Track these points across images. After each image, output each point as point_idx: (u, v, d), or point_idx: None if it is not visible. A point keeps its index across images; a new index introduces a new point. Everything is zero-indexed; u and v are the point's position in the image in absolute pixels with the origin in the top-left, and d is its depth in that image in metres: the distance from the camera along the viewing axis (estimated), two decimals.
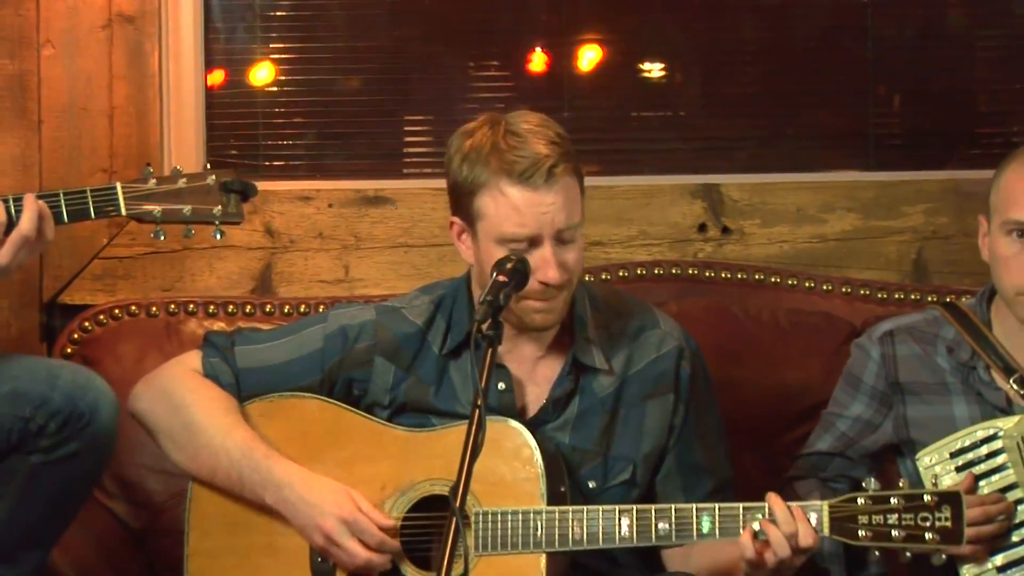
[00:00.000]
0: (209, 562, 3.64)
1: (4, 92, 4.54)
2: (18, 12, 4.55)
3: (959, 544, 3.28)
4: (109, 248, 4.56)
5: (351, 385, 3.67)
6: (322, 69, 4.91)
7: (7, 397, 3.52)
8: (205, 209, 3.58)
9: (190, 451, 3.65)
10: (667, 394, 3.63)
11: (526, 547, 3.41)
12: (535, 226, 3.48)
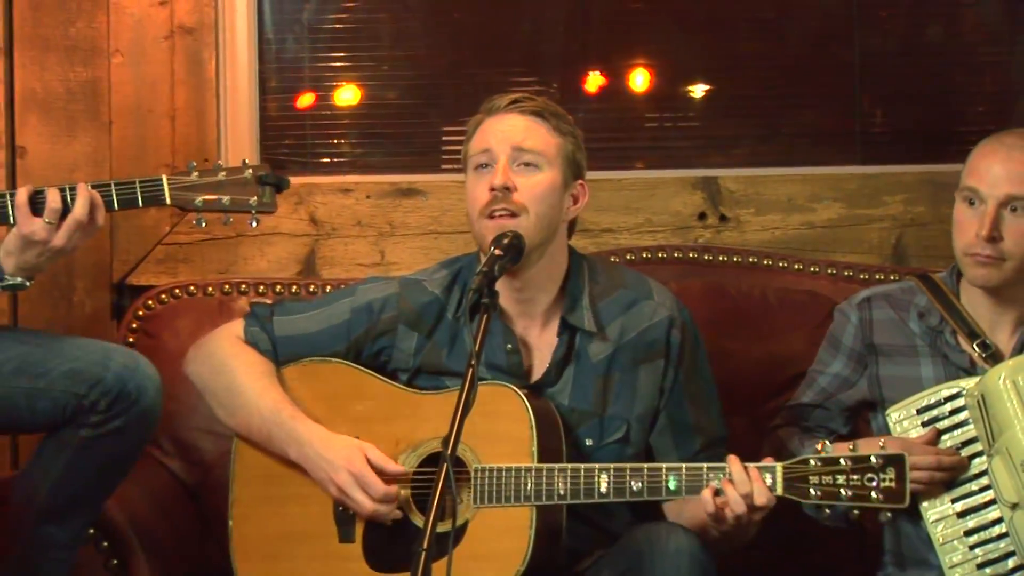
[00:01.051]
0: (249, 509, 3.68)
1: (78, 96, 4.57)
2: (91, 25, 4.58)
3: (902, 503, 3.26)
4: (171, 235, 4.59)
5: (379, 353, 3.70)
6: (362, 76, 4.90)
7: (66, 375, 3.55)
8: (242, 200, 3.60)
9: (230, 409, 3.69)
10: (658, 359, 3.63)
11: (518, 500, 3.43)
12: (492, 142, 3.57)
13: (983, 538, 3.52)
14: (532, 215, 3.54)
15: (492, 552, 3.44)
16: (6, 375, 3.57)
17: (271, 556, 3.62)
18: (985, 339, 3.61)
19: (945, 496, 3.55)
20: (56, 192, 3.46)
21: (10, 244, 3.50)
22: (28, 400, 3.56)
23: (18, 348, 3.63)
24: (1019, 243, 3.54)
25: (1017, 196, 3.52)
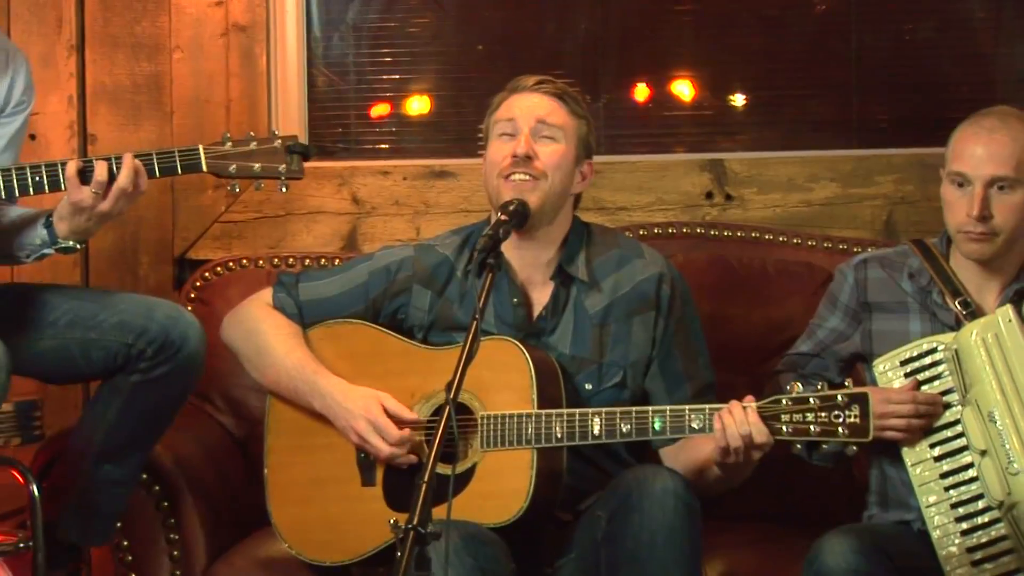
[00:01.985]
0: (282, 457, 3.70)
1: (143, 89, 4.63)
2: (154, 24, 4.64)
3: (866, 437, 3.26)
4: (226, 214, 4.62)
5: (396, 311, 3.71)
6: (400, 69, 4.91)
7: (115, 327, 3.59)
8: (272, 167, 3.59)
9: (260, 368, 3.72)
10: (649, 311, 3.64)
11: (520, 443, 3.44)
12: (518, 114, 3.61)
13: (956, 481, 3.50)
14: (550, 181, 3.58)
15: (498, 491, 3.45)
16: (61, 328, 3.62)
17: (302, 500, 3.63)
18: (968, 298, 3.59)
19: (923, 442, 3.53)
20: (103, 163, 3.49)
21: (62, 210, 3.53)
22: (82, 350, 3.61)
23: (71, 303, 3.67)
24: (1008, 218, 3.52)
25: (1001, 176, 3.50)
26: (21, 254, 3.65)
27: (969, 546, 3.47)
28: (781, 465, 3.67)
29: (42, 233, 3.58)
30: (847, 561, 3.35)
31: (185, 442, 3.97)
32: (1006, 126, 3.56)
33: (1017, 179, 3.51)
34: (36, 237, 3.60)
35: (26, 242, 3.62)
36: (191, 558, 3.78)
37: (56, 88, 4.63)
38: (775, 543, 3.65)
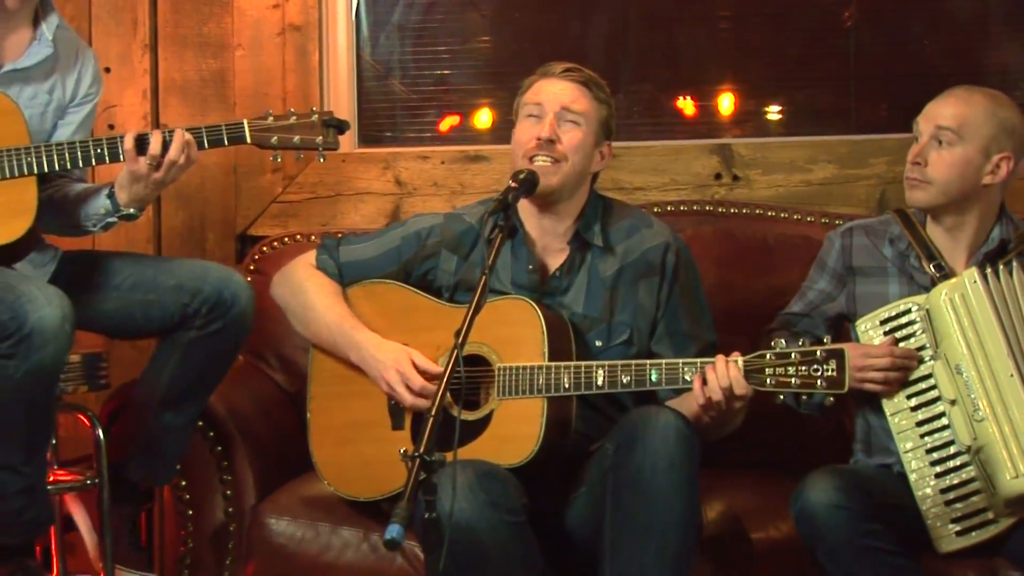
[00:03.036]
0: (323, 403, 3.73)
1: (209, 83, 4.67)
2: (219, 25, 4.68)
3: (842, 389, 3.27)
4: (283, 195, 4.66)
5: (426, 273, 3.73)
6: (439, 64, 4.93)
7: (173, 289, 3.64)
8: (310, 139, 3.62)
9: (304, 323, 3.74)
10: (654, 277, 3.65)
11: (532, 393, 3.45)
12: (544, 99, 3.61)
13: (930, 428, 3.52)
14: (569, 163, 3.59)
15: (512, 435, 3.47)
16: (125, 290, 3.67)
17: (339, 441, 3.66)
18: (941, 262, 3.60)
19: (901, 394, 3.54)
20: (158, 135, 3.53)
21: (122, 180, 3.58)
22: (143, 310, 3.66)
23: (133, 268, 3.72)
24: (940, 170, 3.57)
25: (943, 127, 3.56)
26: (88, 224, 3.69)
27: (942, 487, 3.49)
28: (775, 418, 3.70)
29: (105, 203, 3.63)
30: (828, 497, 3.37)
31: (239, 395, 4.01)
32: (968, 93, 3.62)
33: (957, 135, 3.55)
34: (100, 207, 3.64)
35: (91, 212, 3.66)
36: (241, 496, 3.82)
37: (132, 83, 4.68)
38: (768, 486, 3.66)
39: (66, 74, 3.76)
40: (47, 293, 3.36)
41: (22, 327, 3.29)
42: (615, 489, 3.33)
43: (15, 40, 3.69)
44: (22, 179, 3.52)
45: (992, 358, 3.47)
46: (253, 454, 3.86)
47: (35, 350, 3.31)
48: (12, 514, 3.43)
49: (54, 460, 3.76)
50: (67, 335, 3.35)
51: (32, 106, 3.68)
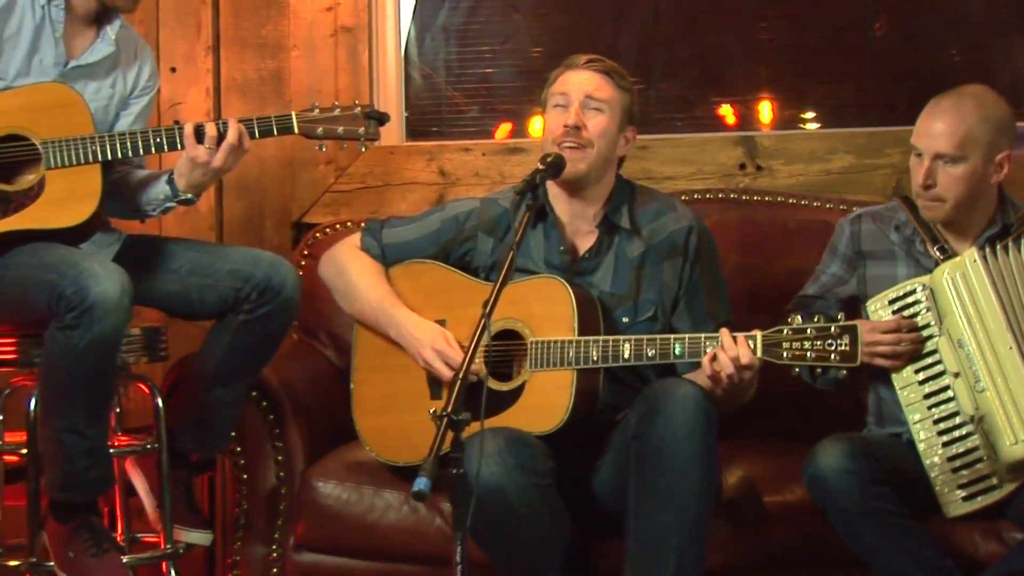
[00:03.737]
0: (365, 375, 3.75)
1: (267, 82, 4.66)
2: (276, 27, 4.67)
3: (854, 363, 3.28)
4: (335, 185, 4.65)
5: (464, 254, 3.74)
6: (480, 63, 4.94)
7: (227, 274, 3.65)
8: (353, 130, 3.64)
9: (349, 300, 3.77)
10: (678, 257, 3.65)
11: (562, 365, 3.46)
12: (570, 89, 3.61)
13: (937, 400, 3.52)
14: (595, 148, 3.58)
15: (543, 405, 3.48)
16: (183, 275, 3.69)
17: (381, 410, 3.68)
18: (946, 245, 3.59)
19: (909, 368, 3.54)
20: (213, 125, 3.56)
21: (181, 167, 3.61)
22: (199, 294, 3.67)
23: (191, 255, 3.74)
24: (950, 187, 3.54)
25: (943, 153, 3.52)
26: (148, 208, 3.71)
27: (949, 455, 3.48)
28: (793, 393, 3.73)
29: (165, 188, 3.65)
30: (838, 462, 3.37)
31: (291, 369, 4.02)
32: (957, 106, 3.56)
33: (959, 155, 3.52)
34: (160, 192, 3.67)
35: (152, 197, 3.69)
36: (292, 462, 3.83)
37: (195, 82, 4.69)
38: (784, 455, 3.64)
39: (127, 69, 3.79)
40: (108, 269, 3.39)
41: (84, 300, 3.31)
42: (638, 457, 3.34)
43: (81, 39, 3.72)
44: (87, 166, 3.54)
45: (992, 332, 3.47)
46: (303, 423, 3.87)
47: (96, 322, 3.33)
48: (77, 474, 3.46)
49: (118, 427, 3.78)
50: (125, 308, 3.38)
51: (96, 99, 3.70)
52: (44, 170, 3.54)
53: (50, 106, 3.57)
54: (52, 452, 3.47)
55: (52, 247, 3.47)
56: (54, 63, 3.65)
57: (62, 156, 3.53)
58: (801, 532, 3.56)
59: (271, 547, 3.80)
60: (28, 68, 3.63)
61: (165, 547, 3.68)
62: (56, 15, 3.64)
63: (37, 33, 3.64)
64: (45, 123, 3.54)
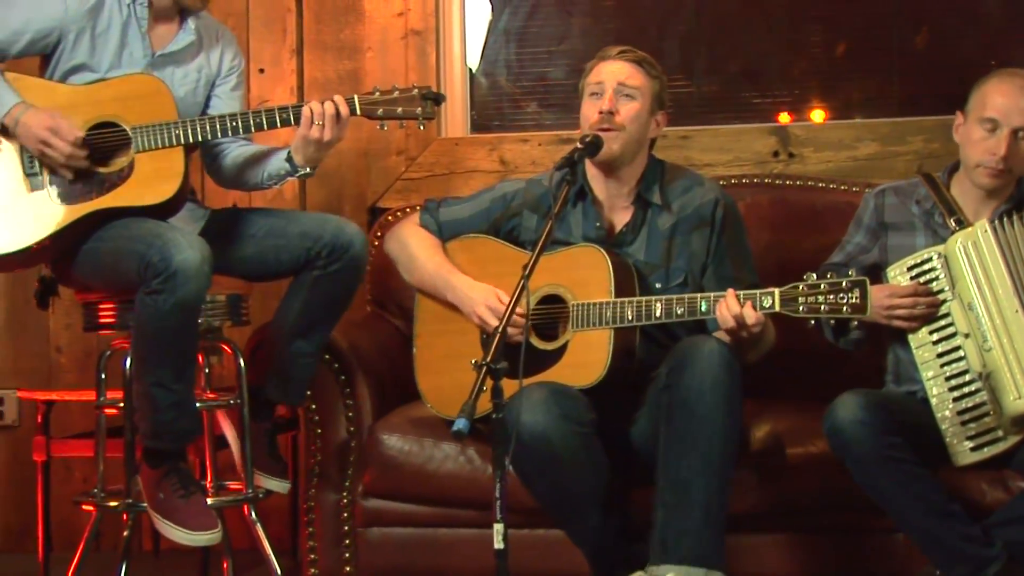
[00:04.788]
0: (426, 339, 3.78)
1: (345, 81, 4.68)
2: (353, 31, 4.71)
3: (864, 313, 3.25)
4: (406, 173, 4.68)
5: (511, 230, 3.76)
6: (536, 62, 4.95)
7: (299, 235, 3.69)
8: (411, 110, 3.65)
9: (409, 271, 3.80)
10: (705, 228, 3.64)
11: (601, 324, 3.47)
12: (604, 78, 3.61)
13: (949, 359, 3.50)
14: (627, 131, 3.59)
15: (584, 361, 3.48)
16: (260, 238, 3.73)
17: (440, 370, 3.70)
18: (962, 217, 3.57)
19: (924, 329, 3.52)
20: (318, 103, 3.59)
21: (297, 143, 3.64)
22: (275, 254, 3.71)
23: (266, 220, 3.79)
24: (1020, 160, 3.52)
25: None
26: (268, 181, 3.76)
27: (959, 410, 3.46)
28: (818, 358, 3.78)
29: (284, 165, 3.69)
30: (854, 414, 3.36)
31: (362, 336, 4.06)
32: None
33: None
34: (280, 168, 3.70)
35: (272, 171, 3.73)
36: (361, 417, 3.85)
37: (281, 81, 4.74)
38: (807, 411, 3.60)
39: (210, 52, 3.83)
40: (189, 239, 3.44)
41: (168, 267, 3.36)
42: (667, 407, 3.34)
43: (164, 31, 3.76)
44: (171, 149, 3.59)
45: (999, 296, 3.44)
46: (371, 382, 3.89)
47: (179, 286, 3.38)
48: (165, 424, 3.51)
49: (207, 385, 3.82)
50: (206, 274, 3.42)
51: (185, 84, 3.76)
52: (133, 153, 3.59)
53: (138, 95, 3.62)
54: (143, 405, 3.52)
55: (142, 221, 3.52)
56: (142, 55, 3.71)
57: (149, 140, 3.58)
58: (821, 481, 3.54)
59: (342, 494, 3.82)
60: (119, 61, 3.70)
61: (246, 491, 3.72)
62: (140, 12, 3.70)
63: (125, 29, 3.69)
64: (134, 111, 3.60)
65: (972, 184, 3.58)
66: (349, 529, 3.80)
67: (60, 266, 3.71)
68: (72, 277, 3.68)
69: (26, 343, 4.88)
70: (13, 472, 4.84)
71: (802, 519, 3.62)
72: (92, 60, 3.68)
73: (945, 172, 3.68)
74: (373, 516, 3.80)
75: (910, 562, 3.49)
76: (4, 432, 4.88)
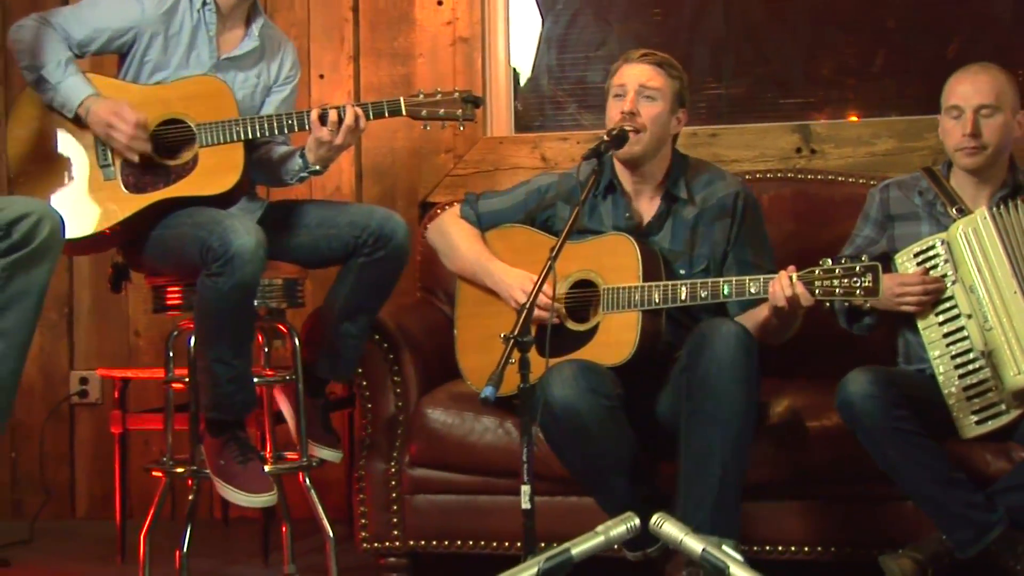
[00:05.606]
0: (466, 320, 3.81)
1: (399, 85, 4.70)
2: (406, 39, 4.74)
3: (876, 295, 3.23)
4: (454, 170, 4.70)
5: (546, 220, 3.78)
6: (576, 67, 4.95)
7: (347, 225, 3.73)
8: (452, 112, 3.69)
9: (451, 259, 3.83)
10: (727, 219, 3.65)
11: (629, 307, 3.49)
12: (627, 80, 3.61)
13: (954, 339, 3.50)
14: (649, 131, 3.59)
15: (614, 341, 3.50)
16: (312, 227, 3.78)
17: (479, 350, 3.72)
18: (961, 205, 3.57)
19: (931, 312, 3.52)
20: (335, 110, 3.63)
21: (310, 144, 3.69)
22: (326, 243, 3.76)
23: (318, 211, 3.84)
24: (992, 135, 3.53)
25: (985, 104, 3.52)
26: (287, 178, 3.81)
27: (964, 386, 3.46)
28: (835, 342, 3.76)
29: (299, 162, 3.74)
30: (864, 388, 3.36)
31: (409, 319, 4.08)
32: (985, 69, 3.59)
33: (997, 106, 3.52)
34: (295, 165, 3.76)
35: (290, 169, 3.79)
36: (407, 393, 3.87)
37: (340, 86, 4.77)
38: (823, 389, 3.58)
39: (270, 61, 3.88)
40: (247, 226, 3.49)
41: (227, 251, 3.42)
42: (688, 385, 3.35)
43: (230, 36, 3.83)
44: (232, 144, 3.65)
45: (998, 279, 3.44)
46: (417, 361, 3.91)
47: (237, 269, 3.43)
48: (225, 396, 3.56)
49: (266, 364, 3.87)
50: (261, 258, 3.47)
51: (244, 87, 3.81)
52: (198, 148, 3.66)
53: (203, 95, 3.69)
54: (205, 379, 3.58)
55: (204, 210, 3.59)
56: (208, 57, 3.77)
57: (212, 136, 3.65)
58: (835, 452, 3.53)
59: (390, 463, 3.84)
60: (187, 62, 3.76)
61: (301, 459, 3.76)
62: (209, 17, 3.76)
63: (194, 32, 3.76)
64: (199, 109, 3.67)
65: (960, 170, 3.60)
66: (396, 496, 3.83)
67: (130, 252, 3.78)
68: (141, 262, 3.75)
69: (108, 328, 4.97)
70: (97, 446, 4.93)
71: (817, 487, 3.62)
72: (163, 60, 3.76)
73: (944, 166, 3.69)
74: (418, 484, 3.82)
75: (918, 527, 3.47)
76: (89, 409, 4.98)
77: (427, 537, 3.80)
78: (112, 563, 4.16)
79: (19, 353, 3.19)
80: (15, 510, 4.96)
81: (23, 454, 4.97)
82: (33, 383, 4.95)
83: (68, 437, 4.98)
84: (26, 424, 4.95)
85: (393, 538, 3.83)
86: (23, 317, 3.18)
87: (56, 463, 4.97)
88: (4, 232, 3.15)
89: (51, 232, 3.19)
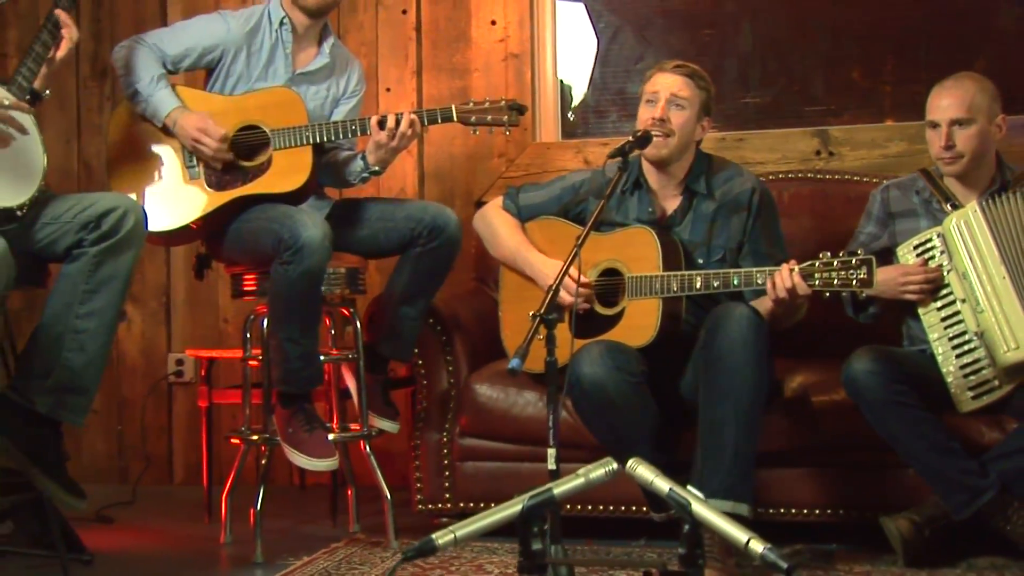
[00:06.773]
0: (509, 305, 3.86)
1: (457, 97, 4.72)
2: (464, 56, 4.80)
3: (871, 287, 3.24)
4: (505, 173, 4.75)
5: (580, 212, 3.81)
6: (618, 79, 4.96)
7: (404, 218, 3.80)
8: (499, 118, 3.75)
9: (494, 247, 3.88)
10: (743, 212, 3.66)
11: (651, 294, 3.52)
12: (659, 88, 3.63)
13: (951, 322, 3.51)
14: (676, 137, 3.62)
15: (637, 325, 3.54)
16: (373, 221, 3.84)
17: (520, 331, 3.69)
18: (956, 203, 3.57)
19: (930, 299, 3.53)
20: (392, 116, 3.70)
21: (370, 147, 3.76)
22: (385, 235, 3.82)
23: (378, 206, 3.91)
24: (966, 144, 3.53)
25: (956, 118, 3.52)
26: (351, 179, 3.89)
27: (961, 364, 3.48)
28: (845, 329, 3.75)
29: (360, 164, 3.82)
30: (866, 365, 3.38)
31: (461, 305, 4.14)
32: (958, 83, 3.58)
33: (970, 118, 3.51)
34: (357, 166, 3.83)
35: (353, 170, 3.86)
36: (458, 370, 3.94)
37: (404, 99, 4.84)
38: (832, 367, 3.57)
39: (339, 77, 3.97)
40: (314, 219, 3.56)
41: (296, 242, 3.49)
42: (704, 363, 3.39)
43: (304, 54, 3.92)
44: (302, 147, 3.74)
45: (988, 266, 3.45)
46: (466, 342, 3.98)
47: (305, 258, 3.50)
48: (294, 372, 3.63)
49: (333, 344, 3.94)
50: (327, 249, 3.54)
51: (315, 99, 3.90)
52: (272, 151, 3.76)
53: (277, 104, 3.78)
54: (276, 357, 3.66)
55: (277, 205, 3.67)
56: (284, 71, 3.87)
57: (284, 140, 3.74)
58: (842, 424, 3.55)
59: (442, 434, 3.91)
60: (265, 75, 3.86)
61: (362, 429, 3.83)
62: (286, 36, 3.86)
63: (273, 50, 3.86)
64: (273, 116, 3.76)
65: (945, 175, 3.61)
66: (448, 463, 3.89)
67: (212, 243, 3.88)
68: (221, 252, 3.85)
69: (201, 315, 5.08)
70: (191, 420, 5.04)
71: (826, 456, 3.64)
72: (245, 73, 3.87)
73: (938, 167, 3.68)
74: (468, 452, 3.89)
75: (918, 493, 3.48)
76: (185, 387, 5.09)
77: (475, 499, 3.85)
78: (200, 522, 4.26)
79: (108, 330, 3.31)
80: (121, 476, 5.10)
81: (127, 427, 5.12)
82: (135, 364, 5.09)
83: (167, 412, 5.11)
84: (130, 400, 5.10)
85: (445, 500, 3.90)
86: (111, 299, 3.29)
87: (156, 435, 5.10)
88: (95, 224, 3.27)
89: (135, 223, 3.30)
